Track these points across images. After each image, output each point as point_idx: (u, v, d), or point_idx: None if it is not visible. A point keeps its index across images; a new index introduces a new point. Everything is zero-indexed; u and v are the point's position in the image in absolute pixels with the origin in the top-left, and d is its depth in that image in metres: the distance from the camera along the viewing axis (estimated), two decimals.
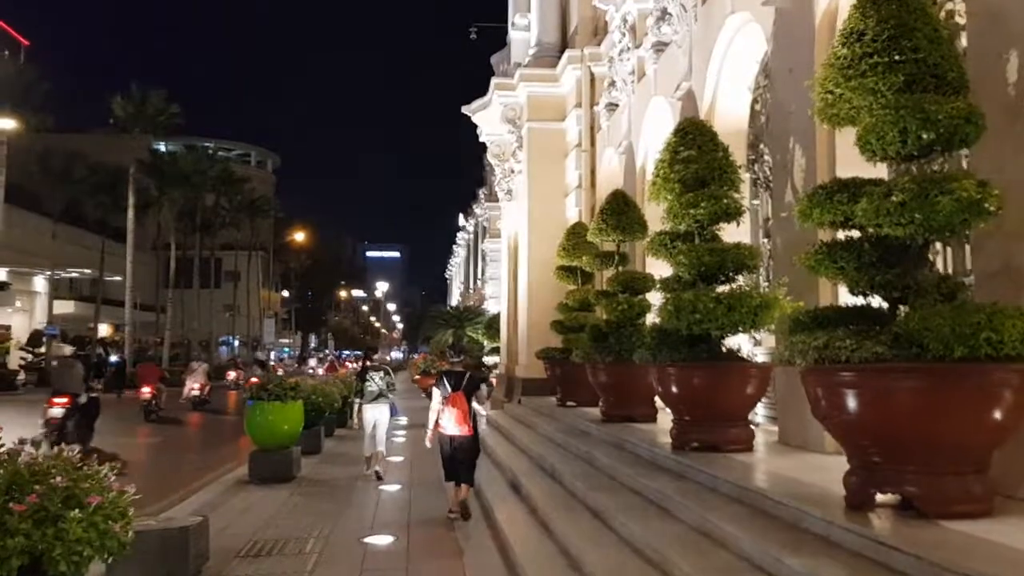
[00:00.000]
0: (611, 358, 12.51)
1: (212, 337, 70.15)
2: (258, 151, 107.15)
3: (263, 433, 12.94)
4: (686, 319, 8.53)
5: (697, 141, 9.36)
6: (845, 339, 5.47)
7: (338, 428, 20.52)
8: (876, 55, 5.78)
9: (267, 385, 13.01)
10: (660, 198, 9.59)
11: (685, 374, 8.98)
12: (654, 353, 9.22)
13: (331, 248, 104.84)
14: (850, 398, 5.56)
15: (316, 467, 14.39)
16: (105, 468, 4.81)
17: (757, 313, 8.44)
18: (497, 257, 44.52)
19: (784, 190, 9.86)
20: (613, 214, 13.37)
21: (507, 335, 24.99)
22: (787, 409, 9.58)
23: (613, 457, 9.97)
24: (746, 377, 8.95)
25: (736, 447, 8.79)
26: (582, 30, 20.68)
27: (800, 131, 9.52)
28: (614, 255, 14.03)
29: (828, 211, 6.10)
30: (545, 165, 21.37)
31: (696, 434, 8.91)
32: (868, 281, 5.85)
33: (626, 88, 17.17)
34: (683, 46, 13.70)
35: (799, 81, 9.61)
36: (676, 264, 9.26)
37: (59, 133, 51.71)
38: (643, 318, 12.82)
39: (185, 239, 62.96)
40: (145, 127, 48.92)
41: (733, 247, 9.06)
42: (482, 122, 24.88)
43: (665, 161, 9.45)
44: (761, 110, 12.19)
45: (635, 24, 16.54)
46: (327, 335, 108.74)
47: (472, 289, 66.54)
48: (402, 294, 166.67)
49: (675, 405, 9.26)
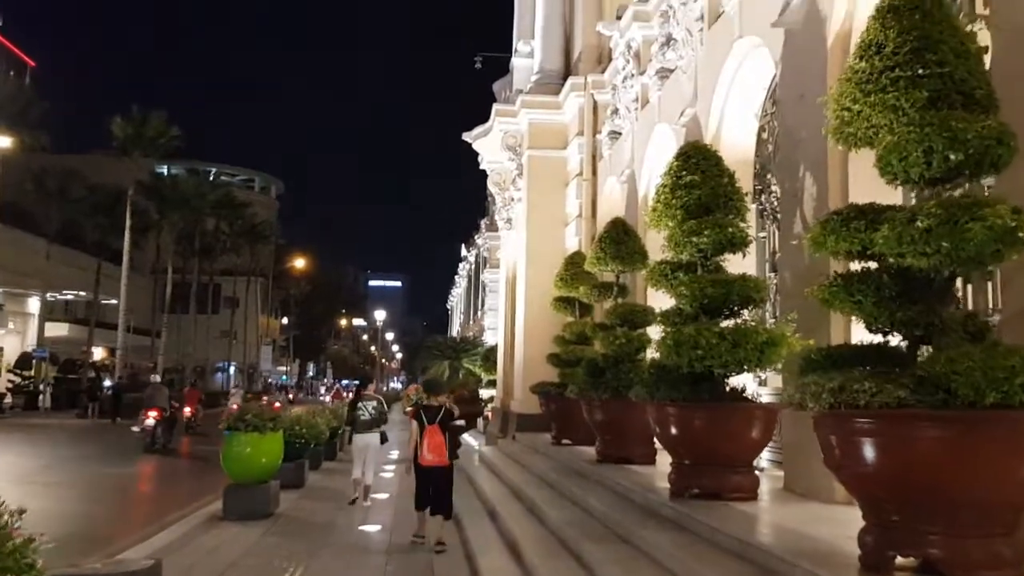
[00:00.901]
0: (608, 395, 11.91)
1: (208, 363, 69.50)
2: (262, 177, 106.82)
3: (239, 466, 12.29)
4: (687, 355, 7.93)
5: (701, 166, 8.82)
6: (863, 381, 4.89)
7: (326, 460, 19.89)
8: (898, 68, 5.26)
9: (244, 415, 12.37)
10: (661, 225, 9.03)
11: (685, 415, 8.37)
12: (652, 391, 8.61)
13: (332, 276, 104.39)
14: (868, 447, 4.98)
15: (296, 503, 13.73)
16: (5, 516, 4.20)
17: (763, 350, 7.85)
18: (496, 288, 43.96)
19: (793, 220, 9.32)
20: (612, 243, 12.80)
21: (503, 368, 24.37)
22: (793, 454, 8.98)
23: (607, 502, 9.36)
24: (751, 419, 8.33)
25: (739, 495, 8.17)
26: (586, 57, 20.24)
27: (811, 158, 9.00)
28: (613, 286, 13.47)
29: (844, 239, 5.54)
30: (545, 194, 20.84)
31: (696, 480, 8.30)
32: (888, 317, 5.28)
33: (629, 115, 16.70)
34: (688, 72, 13.24)
35: (810, 106, 9.11)
36: (677, 296, 8.68)
37: (58, 154, 51.49)
38: (642, 353, 12.22)
39: (184, 263, 62.54)
40: (145, 149, 48.53)
41: (738, 279, 8.49)
42: (483, 149, 24.41)
43: (667, 186, 8.89)
44: (768, 138, 11.69)
45: (639, 51, 16.10)
46: (326, 363, 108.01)
47: (472, 320, 65.91)
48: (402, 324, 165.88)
49: (674, 448, 8.64)
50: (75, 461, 20.42)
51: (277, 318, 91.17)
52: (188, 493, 15.73)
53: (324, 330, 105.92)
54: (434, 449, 9.98)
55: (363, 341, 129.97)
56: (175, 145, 50.68)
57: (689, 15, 13.20)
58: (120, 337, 47.02)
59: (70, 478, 17.39)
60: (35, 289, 48.82)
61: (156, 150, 49.58)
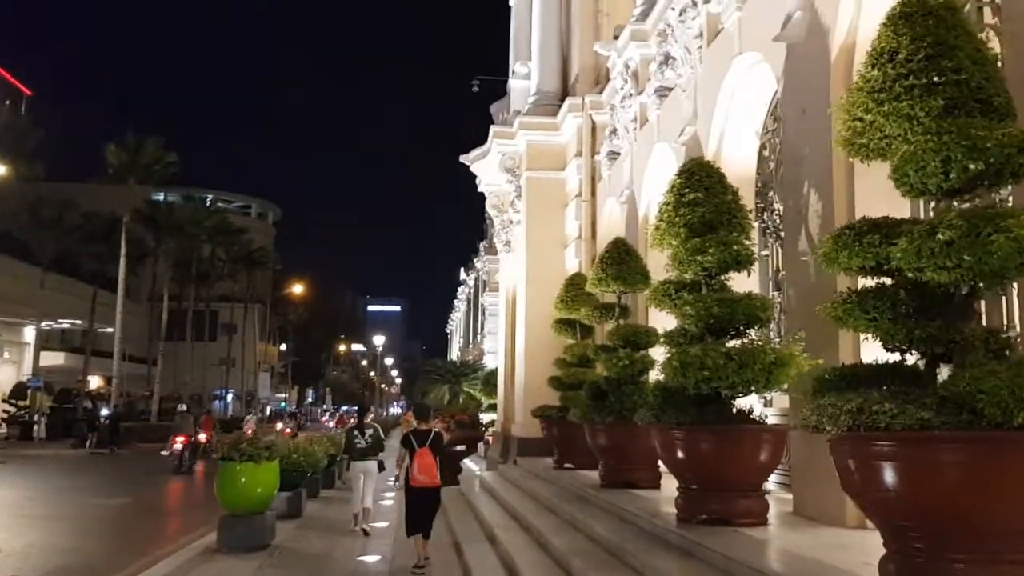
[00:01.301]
0: (611, 418, 11.65)
1: (205, 391, 69.10)
2: (259, 203, 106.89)
3: (233, 497, 11.99)
4: (693, 376, 7.69)
5: (704, 183, 8.61)
6: (883, 402, 4.67)
7: (325, 489, 19.58)
8: (912, 76, 5.07)
9: (239, 444, 12.10)
10: (664, 244, 8.82)
11: (692, 438, 8.11)
12: (657, 414, 8.37)
13: (330, 301, 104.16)
14: (888, 471, 4.74)
15: (294, 533, 13.43)
16: None
17: (771, 371, 7.61)
18: (496, 311, 43.68)
19: (797, 238, 9.12)
20: (614, 263, 12.57)
21: (504, 392, 24.09)
22: (803, 477, 8.74)
23: (613, 529, 9.09)
24: (760, 442, 8.08)
25: (749, 520, 7.91)
26: (583, 78, 20.11)
27: (815, 174, 8.81)
28: (615, 307, 13.21)
29: (857, 254, 5.32)
30: (544, 215, 20.65)
31: (704, 505, 8.03)
32: (906, 334, 5.05)
33: (628, 135, 16.53)
34: (687, 90, 13.07)
35: (813, 121, 8.94)
36: (682, 316, 8.44)
37: (54, 182, 51.34)
38: (646, 375, 11.97)
39: (181, 290, 62.27)
40: (140, 176, 48.29)
41: (744, 297, 8.26)
42: (481, 172, 24.25)
43: (669, 204, 8.68)
44: (770, 155, 11.51)
45: (637, 70, 15.95)
46: (325, 389, 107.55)
47: (472, 344, 65.61)
48: (401, 348, 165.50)
49: (681, 472, 8.39)
50: (68, 492, 20.09)
51: (275, 344, 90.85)
52: (183, 524, 15.45)
53: (323, 356, 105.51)
54: (425, 471, 10.39)
55: (362, 367, 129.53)
56: (171, 172, 50.45)
57: (688, 33, 13.05)
58: (115, 365, 46.68)
59: (62, 510, 17.08)
60: (30, 318, 48.57)
61: (151, 176, 49.36)
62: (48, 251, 49.24)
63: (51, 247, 49.34)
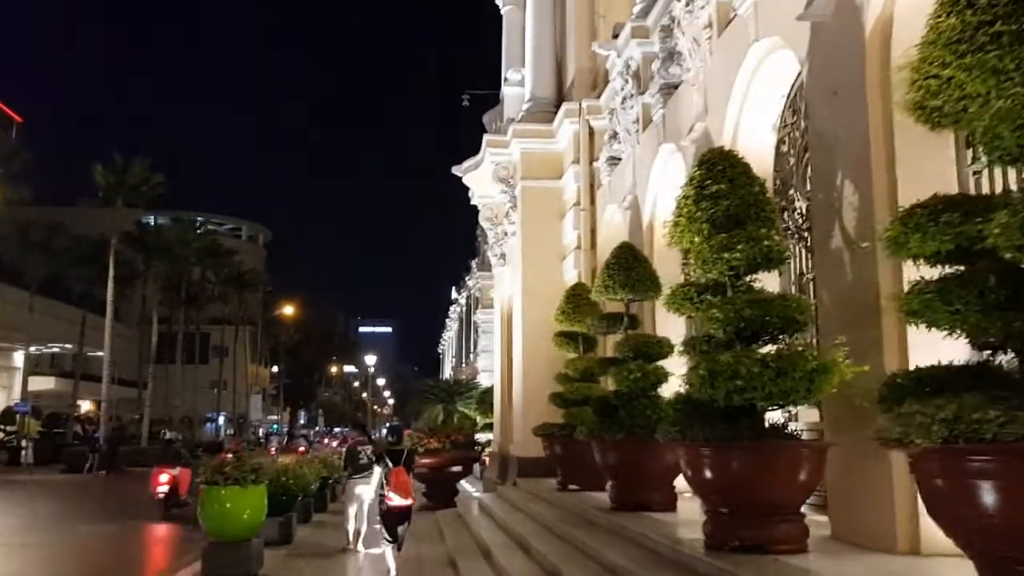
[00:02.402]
0: (622, 435, 10.79)
1: (196, 414, 68.03)
2: (249, 226, 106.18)
3: (218, 523, 11.14)
4: (724, 387, 6.85)
5: (728, 173, 7.78)
6: (986, 409, 3.84)
7: (316, 512, 18.71)
8: (999, 22, 4.26)
9: (223, 467, 11.22)
10: (683, 242, 7.98)
11: (722, 456, 7.24)
12: (682, 429, 7.50)
13: (322, 323, 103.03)
14: (992, 492, 3.91)
15: (283, 561, 12.60)
16: None
17: (813, 379, 6.78)
18: (489, 328, 42.88)
19: (830, 234, 8.30)
20: (621, 269, 11.72)
21: (501, 410, 23.20)
22: (843, 497, 7.89)
23: (630, 556, 8.23)
24: (799, 459, 7.22)
25: (787, 547, 7.04)
26: (579, 82, 19.37)
27: (850, 161, 8.02)
28: (622, 317, 12.37)
29: (933, 237, 4.54)
30: (541, 226, 19.85)
31: (737, 530, 7.15)
32: (1002, 328, 4.23)
33: (630, 138, 15.76)
34: (696, 85, 12.30)
35: (846, 105, 8.17)
36: (707, 320, 7.59)
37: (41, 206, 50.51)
38: (658, 388, 11.14)
39: (171, 313, 61.30)
40: (128, 197, 47.44)
41: (778, 298, 7.43)
42: (474, 183, 23.49)
43: (689, 197, 7.85)
44: (789, 151, 10.74)
45: (639, 69, 15.20)
46: (317, 411, 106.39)
47: (465, 363, 64.67)
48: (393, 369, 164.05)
49: (709, 494, 7.52)
50: (51, 520, 19.17)
51: (267, 366, 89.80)
52: (169, 553, 14.60)
53: (315, 377, 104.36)
54: (400, 488, 10.89)
55: (354, 388, 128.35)
56: (158, 193, 49.61)
57: (696, 23, 12.29)
58: (104, 389, 45.71)
59: (42, 538, 16.22)
60: (19, 343, 47.57)
61: (139, 198, 48.48)
62: (37, 275, 48.36)
63: (40, 271, 48.46)
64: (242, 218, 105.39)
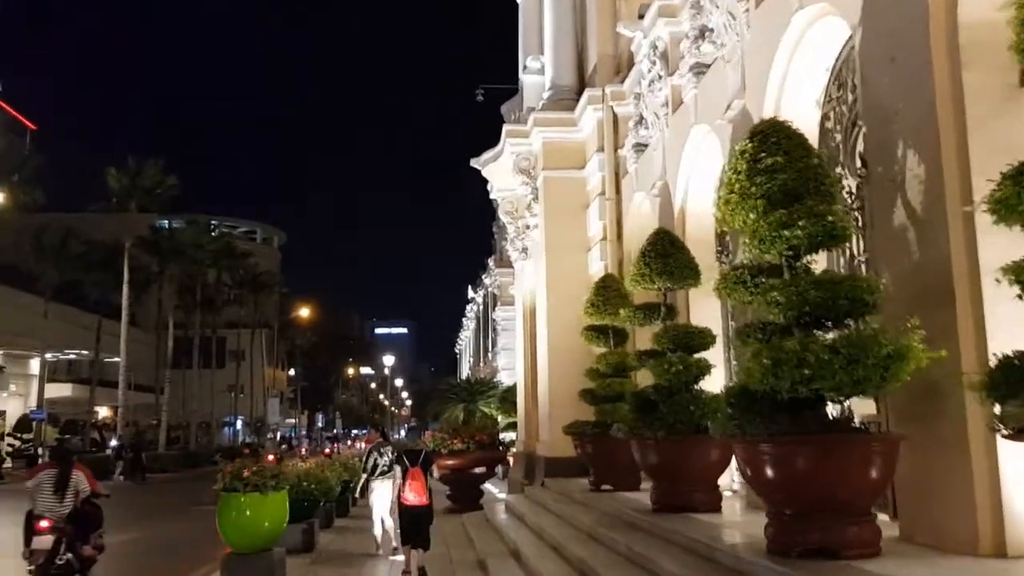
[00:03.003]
0: (663, 432, 10.16)
1: (213, 418, 67.72)
2: (264, 228, 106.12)
3: (238, 533, 10.59)
4: (789, 376, 6.21)
5: (783, 145, 7.12)
6: None
7: (338, 517, 18.18)
8: None
9: (241, 472, 10.65)
10: (735, 221, 7.32)
11: (785, 452, 6.60)
12: (741, 424, 6.85)
13: (338, 325, 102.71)
14: None
15: (307, 570, 12.06)
16: None
17: (888, 366, 6.13)
18: (509, 326, 42.26)
19: (891, 210, 7.66)
20: (658, 257, 11.07)
21: (525, 409, 22.56)
22: (913, 494, 7.25)
23: (686, 564, 7.61)
24: (870, 455, 6.57)
25: (860, 551, 6.41)
26: (602, 69, 18.71)
27: (913, 132, 7.37)
28: (659, 307, 11.73)
29: None
30: (564, 217, 19.22)
31: (803, 534, 6.52)
32: None
33: (658, 122, 15.11)
34: (732, 60, 11.65)
35: (907, 71, 7.52)
36: (766, 305, 6.94)
37: (56, 212, 50.29)
38: (700, 381, 10.51)
39: (187, 317, 60.96)
40: (142, 200, 47.10)
41: (847, 278, 6.78)
42: (493, 176, 22.86)
43: (741, 172, 7.20)
44: (835, 127, 10.09)
45: (667, 50, 14.57)
46: (334, 414, 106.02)
47: (483, 363, 64.09)
48: (410, 371, 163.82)
49: (771, 494, 6.87)
50: None
51: (283, 369, 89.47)
52: (188, 564, 14.03)
53: (331, 380, 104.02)
54: (415, 489, 11.04)
55: (371, 390, 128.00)
56: (172, 195, 49.31)
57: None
58: (121, 395, 45.42)
59: None
60: (35, 350, 47.28)
61: (153, 200, 48.13)
62: (51, 280, 48.12)
63: (54, 276, 48.21)
64: (256, 220, 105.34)
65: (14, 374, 48.80)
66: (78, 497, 9.75)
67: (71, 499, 9.68)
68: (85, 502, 9.85)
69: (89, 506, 9.99)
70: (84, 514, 9.87)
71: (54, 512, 9.62)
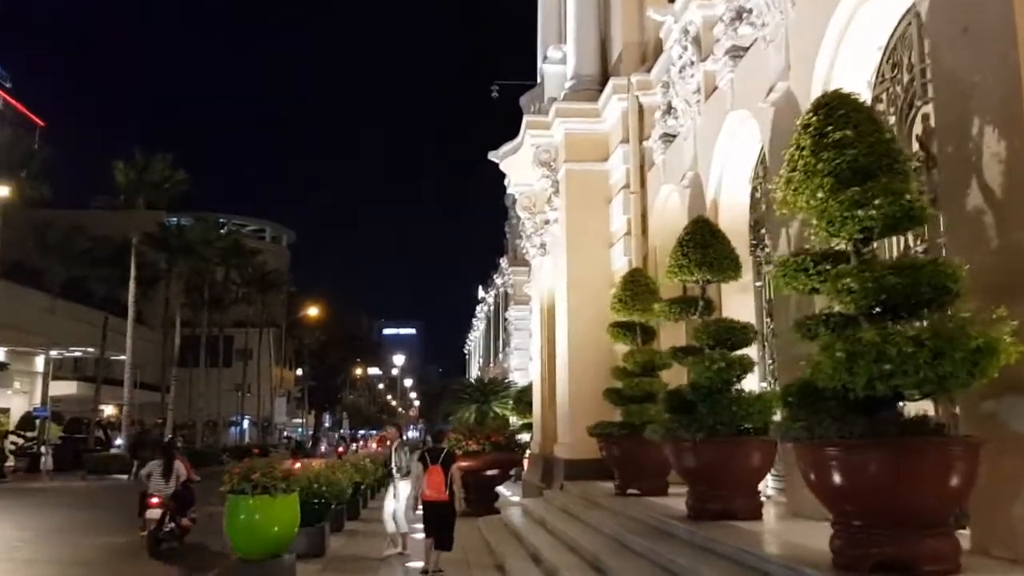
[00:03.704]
0: (702, 433, 9.50)
1: (220, 417, 67.18)
2: (273, 227, 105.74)
3: (245, 537, 10.00)
4: (865, 372, 5.55)
5: (852, 119, 6.45)
6: None
7: (349, 520, 17.56)
8: None
9: (250, 473, 10.02)
10: (798, 200, 6.65)
11: (858, 457, 5.93)
12: (810, 426, 6.17)
13: (346, 325, 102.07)
14: None
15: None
16: None
17: (976, 361, 5.47)
18: (522, 326, 41.64)
19: (965, 192, 7.01)
20: (697, 247, 10.37)
21: (541, 409, 21.92)
22: (990, 504, 6.57)
23: None
24: (950, 461, 5.90)
25: (939, 567, 5.77)
26: (627, 57, 18.05)
27: (990, 107, 6.74)
28: (696, 301, 11.05)
29: None
30: (586, 211, 18.56)
31: (875, 546, 5.86)
32: None
33: (690, 110, 14.45)
34: (775, 41, 10.97)
35: (982, 41, 6.88)
36: (835, 294, 6.27)
37: (62, 209, 49.78)
38: (742, 380, 9.85)
39: (195, 315, 60.40)
40: (149, 195, 46.48)
41: (930, 263, 6.11)
42: (511, 170, 22.25)
43: (805, 148, 6.53)
44: (888, 108, 9.44)
45: (699, 34, 13.92)
46: (342, 414, 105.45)
47: (492, 363, 63.41)
48: (419, 371, 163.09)
49: (839, 503, 6.19)
50: (65, 531, 17.99)
51: (291, 369, 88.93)
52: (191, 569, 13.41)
53: (339, 380, 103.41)
54: (433, 486, 11.32)
55: (379, 390, 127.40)
56: (181, 190, 48.67)
57: None
58: (126, 393, 44.82)
59: (54, 552, 15.07)
60: (40, 347, 46.72)
61: (161, 196, 47.52)
62: (57, 277, 47.47)
63: (60, 273, 47.58)
64: (265, 219, 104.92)
65: (18, 371, 48.24)
66: (178, 481, 13.76)
67: (174, 482, 13.66)
68: (183, 485, 13.92)
69: (185, 488, 14.08)
70: (182, 494, 13.91)
71: (162, 492, 13.51)
